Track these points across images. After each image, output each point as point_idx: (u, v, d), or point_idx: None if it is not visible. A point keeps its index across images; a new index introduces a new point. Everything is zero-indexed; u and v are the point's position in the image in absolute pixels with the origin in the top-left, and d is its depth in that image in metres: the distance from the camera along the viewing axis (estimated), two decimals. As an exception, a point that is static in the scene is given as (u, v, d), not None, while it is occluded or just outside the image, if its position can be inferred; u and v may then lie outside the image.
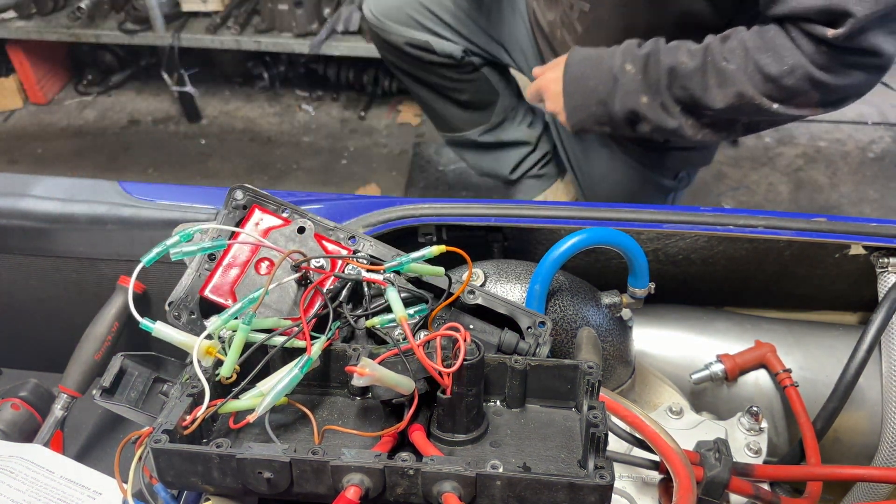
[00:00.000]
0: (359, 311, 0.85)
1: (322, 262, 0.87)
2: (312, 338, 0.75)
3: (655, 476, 0.89)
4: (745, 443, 0.95)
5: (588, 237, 0.94)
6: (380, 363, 0.67)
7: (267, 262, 0.88)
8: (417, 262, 0.82)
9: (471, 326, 0.87)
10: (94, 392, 0.94)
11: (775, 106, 1.23)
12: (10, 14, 3.44)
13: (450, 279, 0.85)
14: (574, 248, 0.93)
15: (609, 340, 0.99)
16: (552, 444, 0.72)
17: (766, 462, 0.94)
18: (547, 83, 1.41)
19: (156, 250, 0.77)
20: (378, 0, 1.79)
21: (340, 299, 0.84)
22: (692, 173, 1.77)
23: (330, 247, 0.90)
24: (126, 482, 0.69)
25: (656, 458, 0.84)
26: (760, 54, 1.20)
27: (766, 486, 0.89)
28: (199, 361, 0.71)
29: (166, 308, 0.85)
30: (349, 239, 0.90)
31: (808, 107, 1.24)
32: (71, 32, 3.47)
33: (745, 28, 1.25)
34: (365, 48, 3.26)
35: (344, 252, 0.89)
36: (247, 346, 0.73)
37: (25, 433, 1.17)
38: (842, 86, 1.20)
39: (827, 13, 1.11)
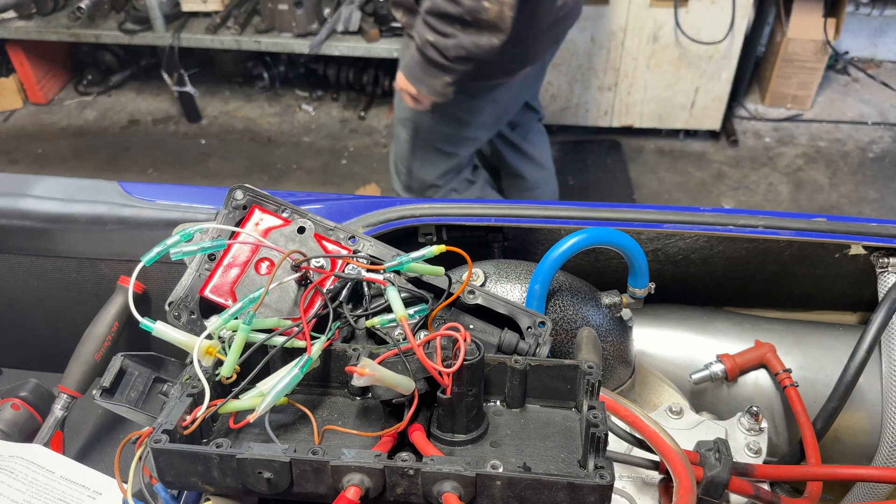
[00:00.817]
0: (359, 311, 0.85)
1: (322, 261, 0.87)
2: (312, 338, 0.75)
3: (655, 476, 0.89)
4: (745, 443, 0.95)
5: (588, 237, 0.94)
6: (380, 363, 0.68)
7: (267, 262, 0.88)
8: (417, 261, 0.82)
9: (471, 326, 0.87)
10: (94, 392, 0.94)
11: None
12: (10, 14, 3.43)
13: (450, 279, 0.85)
14: (574, 248, 0.93)
15: (609, 340, 0.99)
16: (552, 444, 0.72)
17: (766, 462, 0.94)
18: (401, 82, 1.91)
19: (156, 250, 0.77)
20: None
21: (340, 299, 0.84)
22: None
23: (330, 247, 0.90)
24: (126, 482, 0.69)
25: (656, 458, 0.84)
26: None
27: (766, 486, 0.89)
28: (199, 361, 0.71)
29: (166, 308, 0.85)
30: (349, 239, 0.90)
31: None
32: (71, 32, 3.47)
33: None
34: (365, 48, 3.26)
35: (344, 252, 0.89)
36: (247, 346, 0.73)
37: (25, 433, 1.17)
38: None
39: None
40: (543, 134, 2.49)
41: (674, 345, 1.14)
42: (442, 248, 0.82)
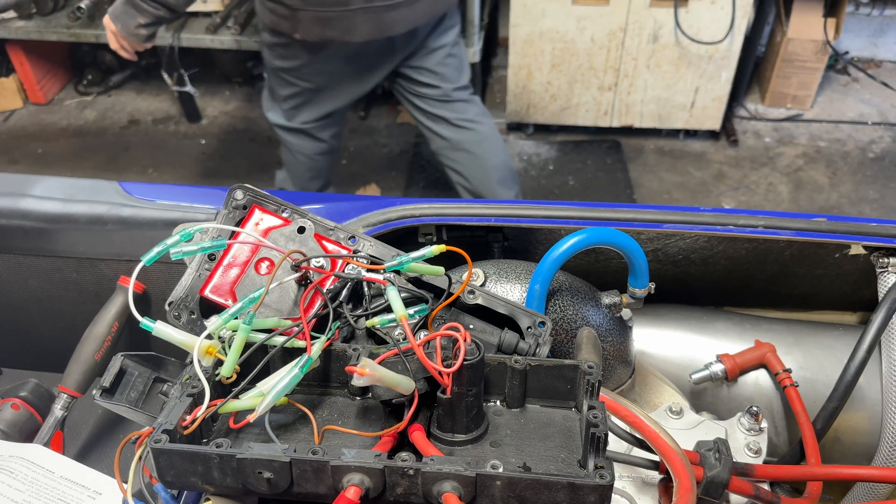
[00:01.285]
0: (359, 311, 0.85)
1: (322, 261, 0.87)
2: (312, 338, 0.75)
3: (655, 476, 0.89)
4: (745, 443, 0.95)
5: (588, 237, 0.94)
6: (380, 363, 0.68)
7: (267, 262, 0.88)
8: (417, 261, 0.82)
9: (471, 326, 0.87)
10: (94, 392, 0.94)
11: None
12: (11, 14, 3.43)
13: (450, 279, 0.85)
14: (574, 248, 0.93)
15: (609, 340, 0.99)
16: (552, 444, 0.72)
17: (766, 462, 0.94)
18: (105, 19, 2.06)
19: (156, 250, 0.77)
20: None
21: (340, 299, 0.84)
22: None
23: (330, 247, 0.90)
24: (126, 482, 0.69)
25: (656, 458, 0.84)
26: None
27: (766, 486, 0.89)
28: (199, 361, 0.71)
29: (166, 308, 0.85)
30: (349, 239, 0.90)
31: None
32: (71, 32, 3.46)
33: None
34: (365, 48, 3.26)
35: (344, 252, 0.89)
36: (247, 346, 0.73)
37: (25, 433, 1.17)
38: None
39: None
40: (473, 102, 2.50)
41: (674, 345, 1.14)
42: (442, 247, 0.82)
